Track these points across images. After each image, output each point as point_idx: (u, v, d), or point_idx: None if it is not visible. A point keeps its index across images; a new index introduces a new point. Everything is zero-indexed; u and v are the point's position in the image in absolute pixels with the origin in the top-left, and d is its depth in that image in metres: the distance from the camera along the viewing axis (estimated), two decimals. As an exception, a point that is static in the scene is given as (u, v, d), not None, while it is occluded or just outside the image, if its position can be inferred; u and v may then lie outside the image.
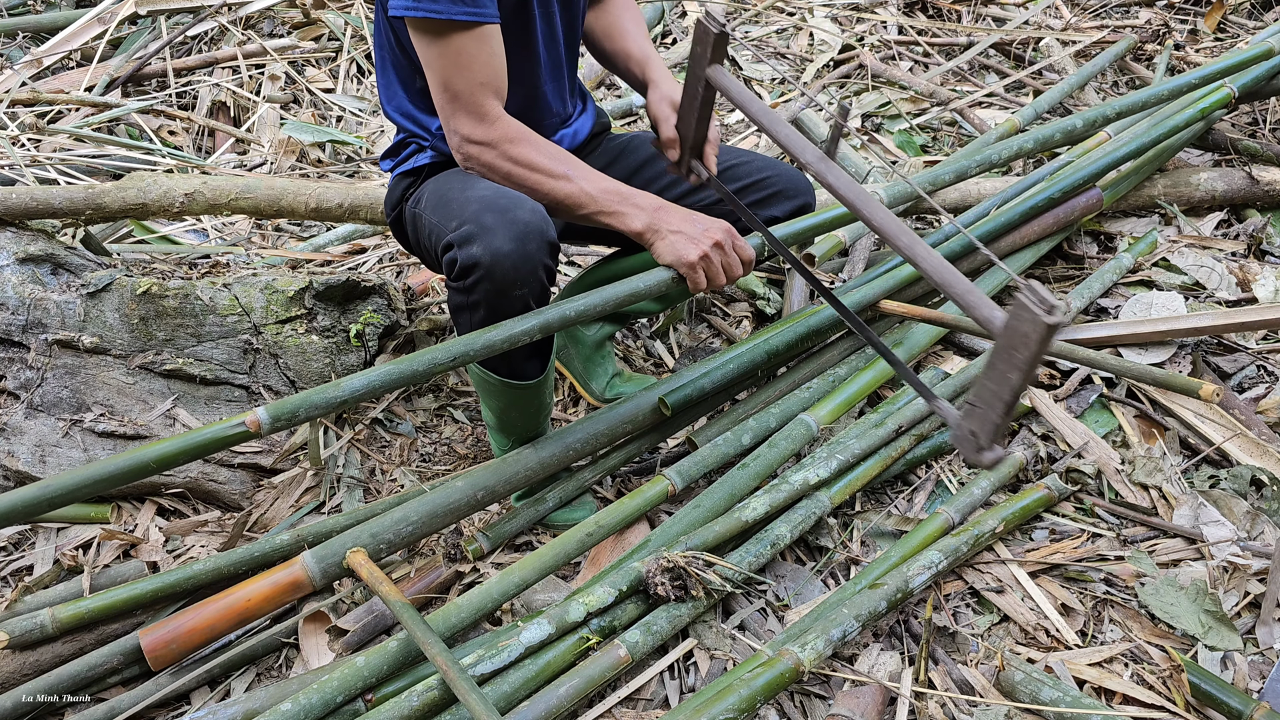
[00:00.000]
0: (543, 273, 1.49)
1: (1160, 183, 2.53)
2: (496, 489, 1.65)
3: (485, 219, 1.47)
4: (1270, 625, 1.52)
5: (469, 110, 1.48)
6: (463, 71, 1.45)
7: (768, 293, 2.40)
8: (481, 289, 1.47)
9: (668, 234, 1.52)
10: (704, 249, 1.50)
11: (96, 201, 2.15)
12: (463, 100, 1.47)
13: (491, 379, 1.64)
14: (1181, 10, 3.66)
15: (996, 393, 1.15)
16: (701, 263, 1.51)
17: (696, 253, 1.50)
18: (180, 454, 1.31)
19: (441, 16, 1.41)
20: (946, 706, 1.42)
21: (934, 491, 1.84)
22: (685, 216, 1.53)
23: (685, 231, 1.51)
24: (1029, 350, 1.09)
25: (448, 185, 1.61)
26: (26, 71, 3.57)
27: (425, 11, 1.41)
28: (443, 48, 1.44)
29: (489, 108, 1.49)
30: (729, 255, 1.53)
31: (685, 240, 1.51)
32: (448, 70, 1.45)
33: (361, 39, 3.85)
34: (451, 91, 1.47)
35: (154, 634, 1.43)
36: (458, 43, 1.44)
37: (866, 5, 3.84)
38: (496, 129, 1.50)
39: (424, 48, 1.46)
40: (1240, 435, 1.84)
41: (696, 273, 1.52)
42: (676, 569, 1.49)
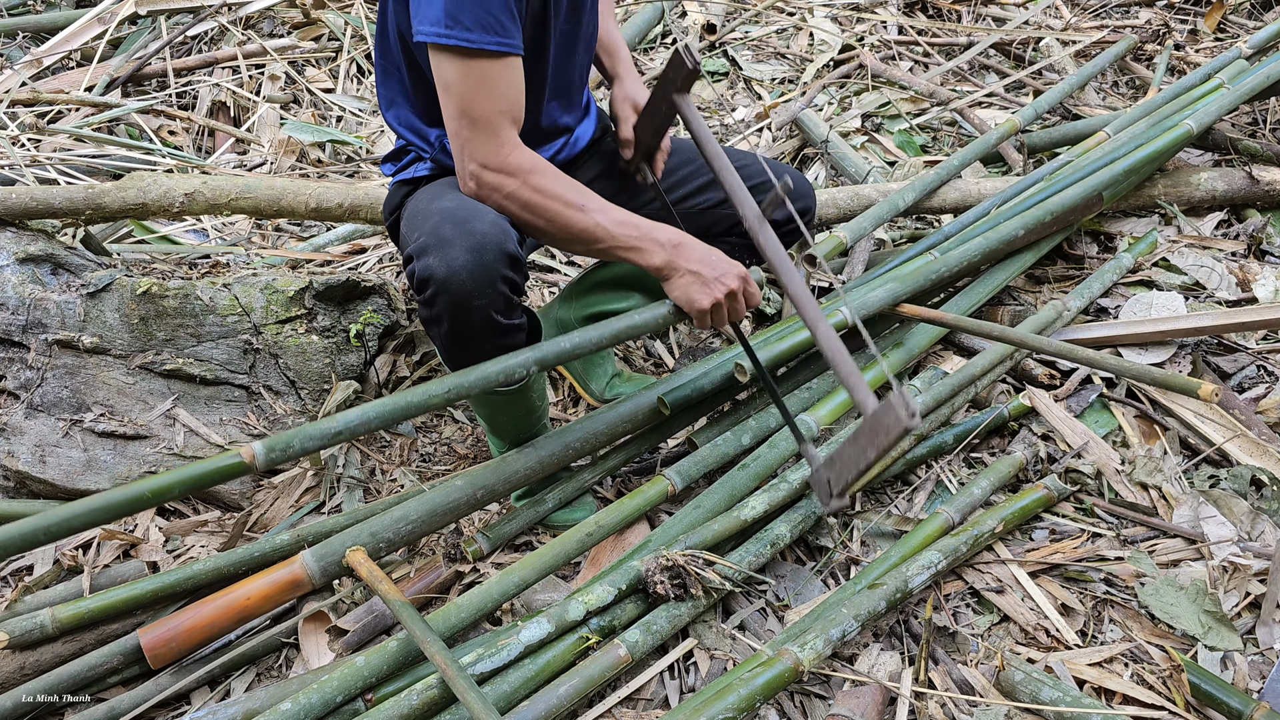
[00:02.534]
0: (503, 285, 1.47)
1: (1160, 183, 2.53)
2: (496, 488, 1.65)
3: (444, 230, 1.46)
4: (1270, 625, 1.52)
5: (488, 138, 1.46)
6: (485, 100, 1.44)
7: (768, 292, 2.40)
8: (440, 301, 1.47)
9: (685, 273, 1.52)
10: (717, 296, 1.51)
11: (96, 201, 2.15)
12: (481, 127, 1.45)
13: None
14: (1181, 10, 3.66)
15: (854, 460, 1.34)
16: (711, 309, 1.52)
17: (709, 300, 1.51)
18: (175, 486, 1.33)
19: (473, 46, 1.39)
20: (946, 706, 1.42)
21: (934, 491, 1.84)
22: (702, 257, 1.53)
23: (702, 275, 1.51)
24: (886, 439, 1.25)
25: (423, 196, 1.62)
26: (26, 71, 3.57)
27: (456, 40, 1.39)
28: (467, 75, 1.42)
29: (507, 136, 1.48)
30: (738, 302, 1.55)
31: (700, 285, 1.51)
32: (469, 97, 1.43)
33: (361, 39, 3.85)
34: (470, 118, 1.45)
35: (154, 632, 1.43)
36: (483, 71, 1.42)
37: (866, 5, 3.84)
38: (515, 158, 1.49)
39: (446, 73, 1.44)
40: (1240, 435, 1.84)
41: (705, 318, 1.54)
42: (676, 568, 1.49)
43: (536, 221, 1.52)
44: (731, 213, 1.87)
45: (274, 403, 1.99)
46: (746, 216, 1.50)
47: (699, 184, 1.86)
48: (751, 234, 1.46)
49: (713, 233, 1.90)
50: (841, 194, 2.41)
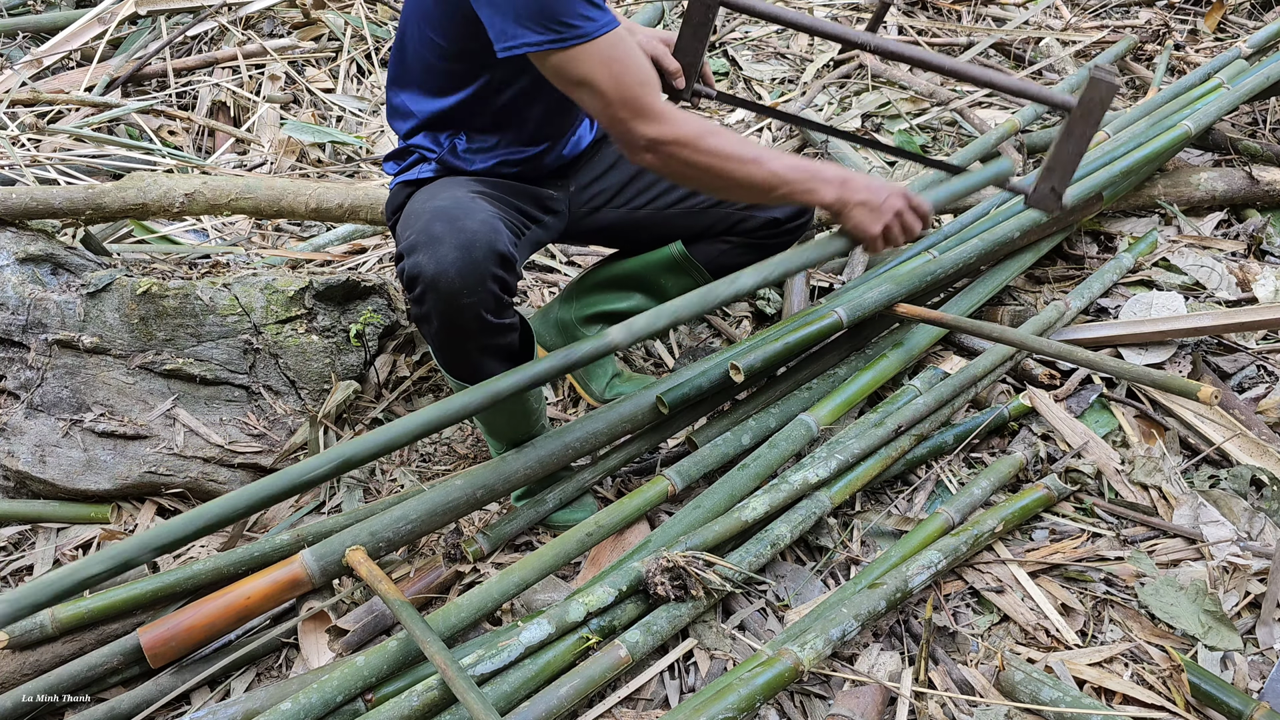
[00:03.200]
0: (493, 283, 1.47)
1: (1160, 183, 2.53)
2: (496, 488, 1.65)
3: (434, 228, 1.46)
4: (1270, 625, 1.52)
5: (644, 113, 1.46)
6: (625, 78, 1.44)
7: (767, 292, 2.40)
8: (430, 299, 1.47)
9: (855, 205, 1.58)
10: (885, 220, 1.59)
11: (96, 201, 2.15)
12: (635, 106, 1.45)
13: (463, 388, 1.64)
14: (1181, 10, 3.65)
15: (1074, 155, 1.61)
16: (882, 234, 1.61)
17: (880, 224, 1.59)
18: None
19: (587, 39, 1.39)
20: (946, 706, 1.42)
21: (934, 491, 1.84)
22: (867, 184, 1.60)
23: (869, 203, 1.58)
24: (1101, 111, 1.53)
25: (419, 197, 1.62)
26: (26, 71, 3.57)
27: (571, 40, 1.39)
28: (593, 66, 1.42)
29: (660, 105, 1.48)
30: (907, 217, 1.61)
31: (870, 213, 1.58)
32: (612, 83, 1.43)
33: (361, 39, 3.85)
34: (622, 101, 1.44)
35: (154, 631, 1.43)
36: (607, 55, 1.42)
37: (866, 5, 3.84)
38: (679, 126, 1.49)
39: (578, 71, 1.42)
40: (1240, 435, 1.84)
41: (877, 243, 1.62)
42: (676, 569, 1.49)
43: (715, 181, 1.53)
44: (731, 211, 1.87)
45: (274, 403, 1.99)
46: (855, 38, 1.64)
47: None
48: (875, 46, 1.63)
49: (713, 231, 1.90)
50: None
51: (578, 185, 1.86)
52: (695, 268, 1.94)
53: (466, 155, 1.70)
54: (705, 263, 1.94)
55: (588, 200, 1.88)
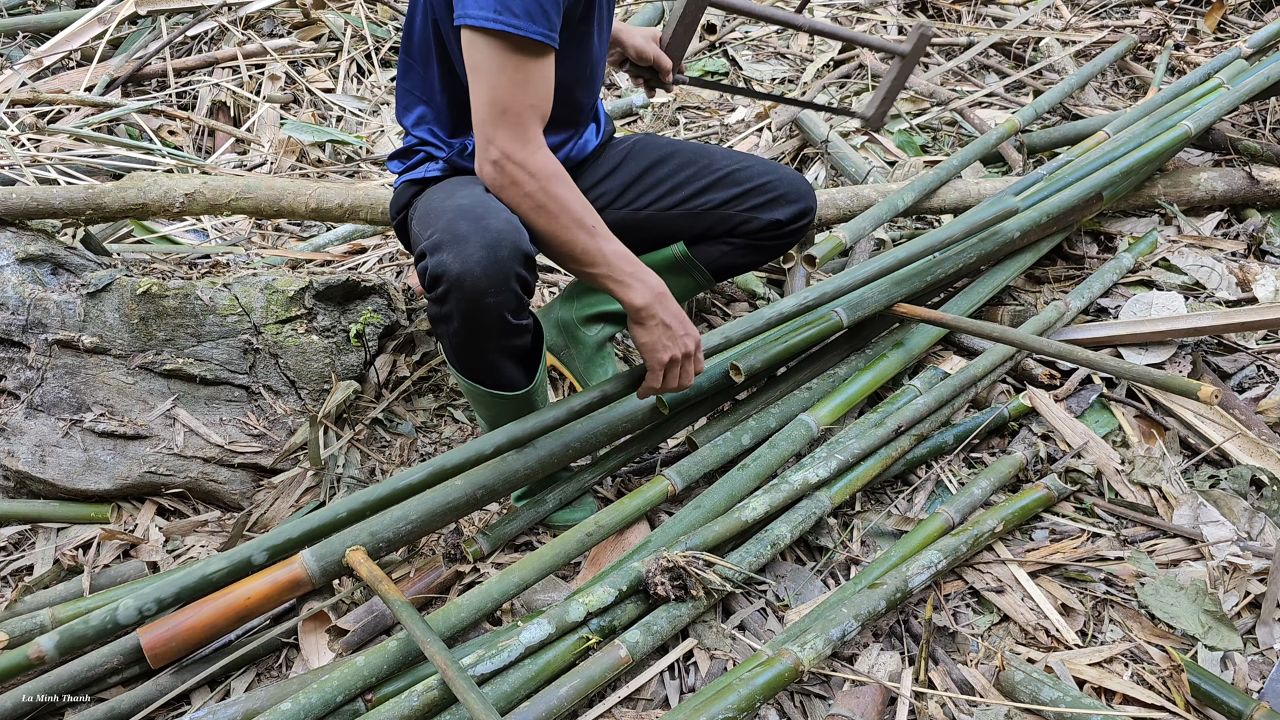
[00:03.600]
0: (516, 283, 1.47)
1: (1160, 183, 2.53)
2: (496, 488, 1.65)
3: (459, 226, 1.45)
4: (1270, 625, 1.52)
5: (515, 129, 1.46)
6: (521, 91, 1.44)
7: (767, 293, 2.41)
8: (453, 299, 1.46)
9: (660, 323, 1.56)
10: (675, 351, 1.57)
11: (96, 201, 2.15)
12: (510, 118, 1.45)
13: (479, 390, 1.65)
14: (1181, 10, 3.66)
15: (899, 86, 2.15)
16: (669, 364, 1.58)
17: (672, 352, 1.57)
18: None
19: (520, 34, 1.39)
20: (946, 706, 1.43)
21: (934, 491, 1.84)
22: (676, 312, 1.58)
23: (673, 329, 1.56)
24: (920, 54, 2.08)
25: (436, 194, 1.61)
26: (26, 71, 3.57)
27: (505, 26, 1.39)
28: (506, 63, 1.42)
29: (534, 132, 1.48)
30: (692, 363, 1.61)
31: (669, 336, 1.56)
32: (505, 86, 1.43)
33: (361, 39, 3.85)
34: (501, 107, 1.44)
35: (153, 632, 1.43)
36: (524, 62, 1.42)
37: (866, 5, 3.84)
38: (539, 159, 1.48)
39: (484, 59, 1.43)
40: (1240, 435, 1.84)
41: (660, 370, 1.59)
42: (676, 569, 1.49)
43: (543, 227, 1.51)
44: (733, 213, 1.88)
45: (274, 403, 1.99)
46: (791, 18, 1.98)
47: (703, 184, 1.86)
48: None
49: (715, 233, 1.90)
50: (841, 194, 2.41)
51: (582, 186, 1.87)
52: (697, 268, 1.94)
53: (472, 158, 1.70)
54: (707, 263, 1.94)
55: (592, 201, 1.88)
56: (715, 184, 1.86)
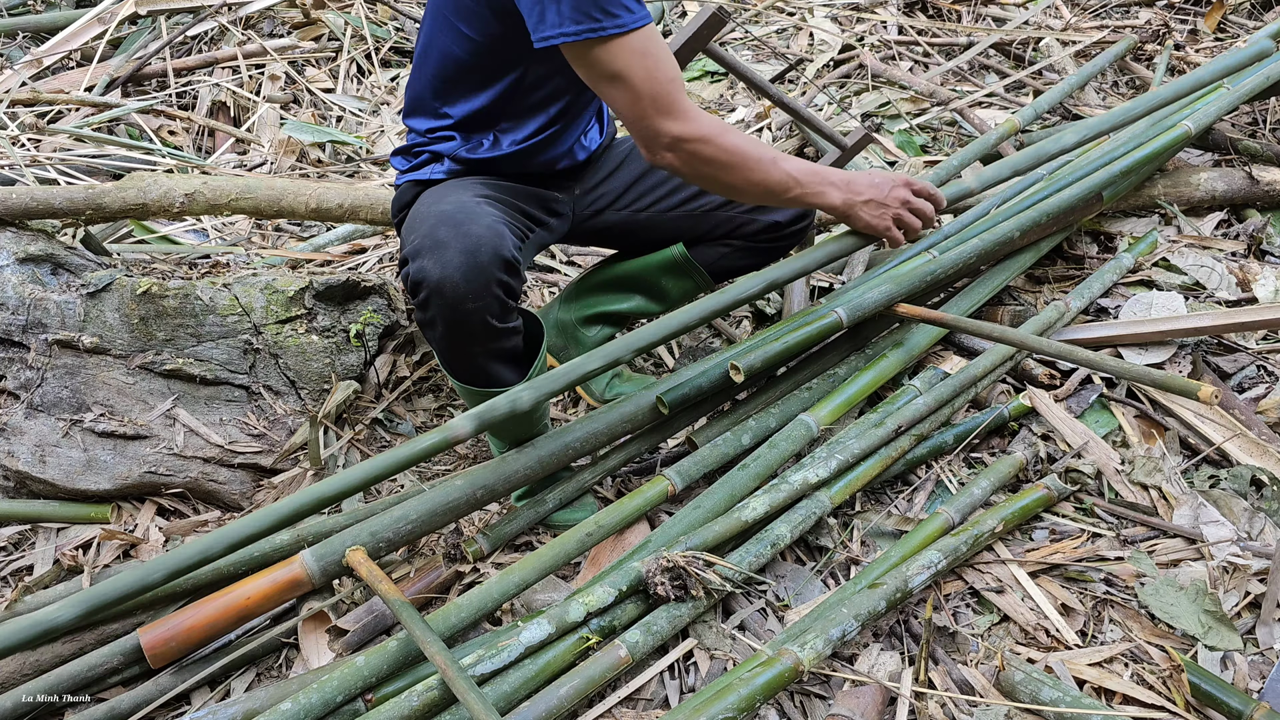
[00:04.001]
0: (497, 288, 1.47)
1: (1160, 183, 2.53)
2: (496, 488, 1.65)
3: (439, 233, 1.45)
4: (1270, 625, 1.52)
5: (671, 111, 1.46)
6: (659, 74, 1.44)
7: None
8: (434, 305, 1.46)
9: (861, 205, 1.64)
10: (894, 211, 1.66)
11: (96, 201, 2.15)
12: (663, 102, 1.45)
13: (467, 390, 1.65)
14: (1181, 10, 3.65)
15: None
16: (895, 223, 1.68)
17: (889, 219, 1.67)
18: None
19: (625, 30, 1.39)
20: (946, 706, 1.42)
21: (934, 491, 1.84)
22: (869, 182, 1.65)
23: (874, 198, 1.65)
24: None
25: (426, 200, 1.62)
26: (26, 71, 3.57)
27: (611, 30, 1.38)
28: (629, 59, 1.41)
29: (685, 102, 1.49)
30: (915, 203, 1.69)
31: (875, 209, 1.65)
32: (644, 78, 1.43)
33: (361, 39, 3.85)
34: (653, 98, 1.44)
35: (153, 632, 1.43)
36: (644, 47, 1.42)
37: (866, 5, 3.84)
38: (702, 124, 1.49)
39: (614, 64, 1.42)
40: (1240, 435, 1.84)
41: (893, 233, 1.69)
42: (676, 569, 1.49)
43: (737, 179, 1.54)
44: (733, 215, 1.88)
45: (274, 403, 1.99)
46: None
47: None
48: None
49: (714, 234, 1.90)
50: (841, 194, 2.40)
51: (583, 188, 1.87)
52: (696, 270, 1.94)
53: (485, 154, 1.70)
54: (706, 265, 1.94)
55: (591, 203, 1.88)
56: None
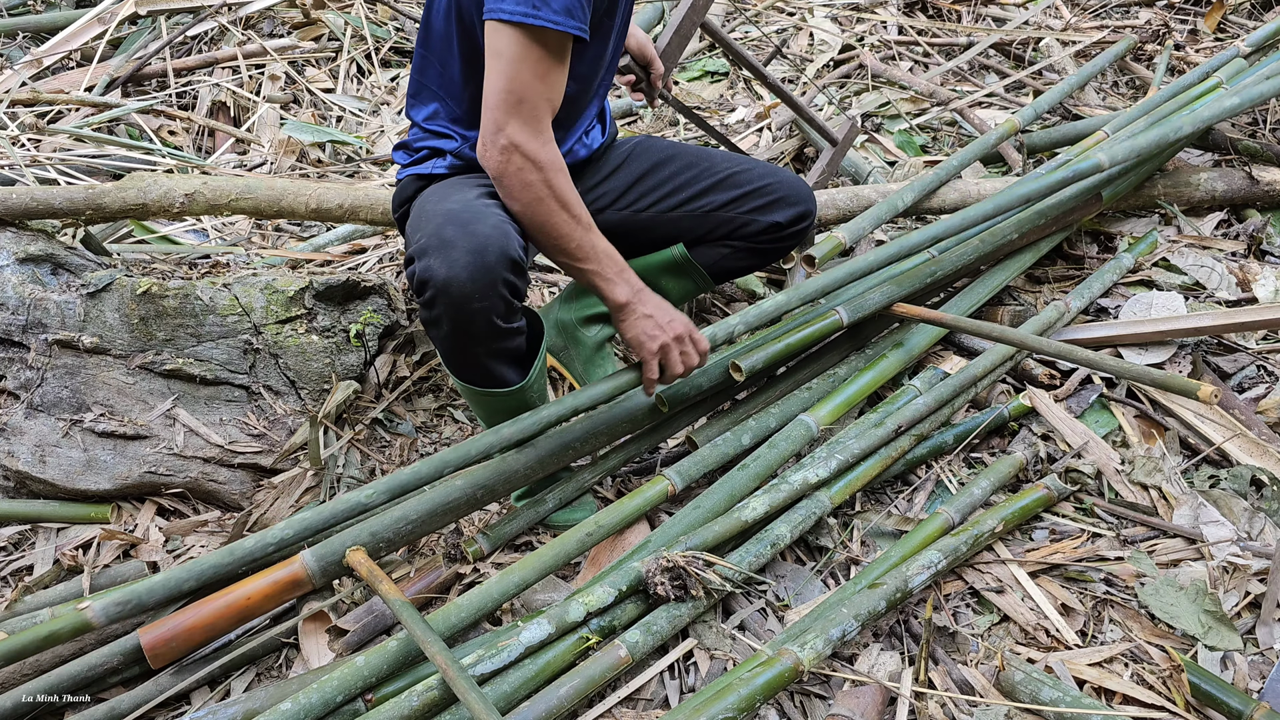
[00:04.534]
0: (503, 288, 1.47)
1: (1160, 183, 2.53)
2: (496, 488, 1.65)
3: (446, 232, 1.45)
4: (1270, 625, 1.52)
5: (529, 120, 1.46)
6: (541, 84, 1.44)
7: (768, 292, 2.41)
8: (440, 304, 1.46)
9: (641, 315, 1.58)
10: (664, 339, 1.58)
11: (96, 201, 2.15)
12: (526, 108, 1.45)
13: (468, 389, 1.65)
14: (1181, 10, 3.66)
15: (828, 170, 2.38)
16: (660, 351, 1.59)
17: (661, 340, 1.58)
18: None
19: (557, 28, 1.40)
20: (946, 706, 1.43)
21: (934, 491, 1.84)
22: (658, 304, 1.60)
23: (655, 317, 1.58)
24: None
25: (430, 197, 1.62)
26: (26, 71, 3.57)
27: (544, 21, 1.39)
28: (530, 55, 1.42)
29: (546, 125, 1.48)
30: (685, 346, 1.60)
31: (653, 325, 1.58)
32: (526, 78, 1.43)
33: (361, 39, 3.85)
34: (519, 96, 1.44)
35: (154, 632, 1.43)
36: (548, 56, 1.43)
37: (866, 5, 3.84)
38: (548, 152, 1.49)
39: (508, 48, 1.42)
40: (1240, 435, 1.84)
41: (653, 360, 1.59)
42: (676, 569, 1.49)
43: (539, 219, 1.51)
44: (733, 215, 1.88)
45: (274, 403, 1.99)
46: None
47: (704, 186, 1.86)
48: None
49: (715, 235, 1.90)
50: (841, 195, 2.41)
51: (584, 187, 1.87)
52: (696, 270, 1.94)
53: None
54: (706, 266, 1.94)
55: (592, 202, 1.88)
56: (716, 186, 1.86)
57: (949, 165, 2.44)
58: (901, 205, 2.29)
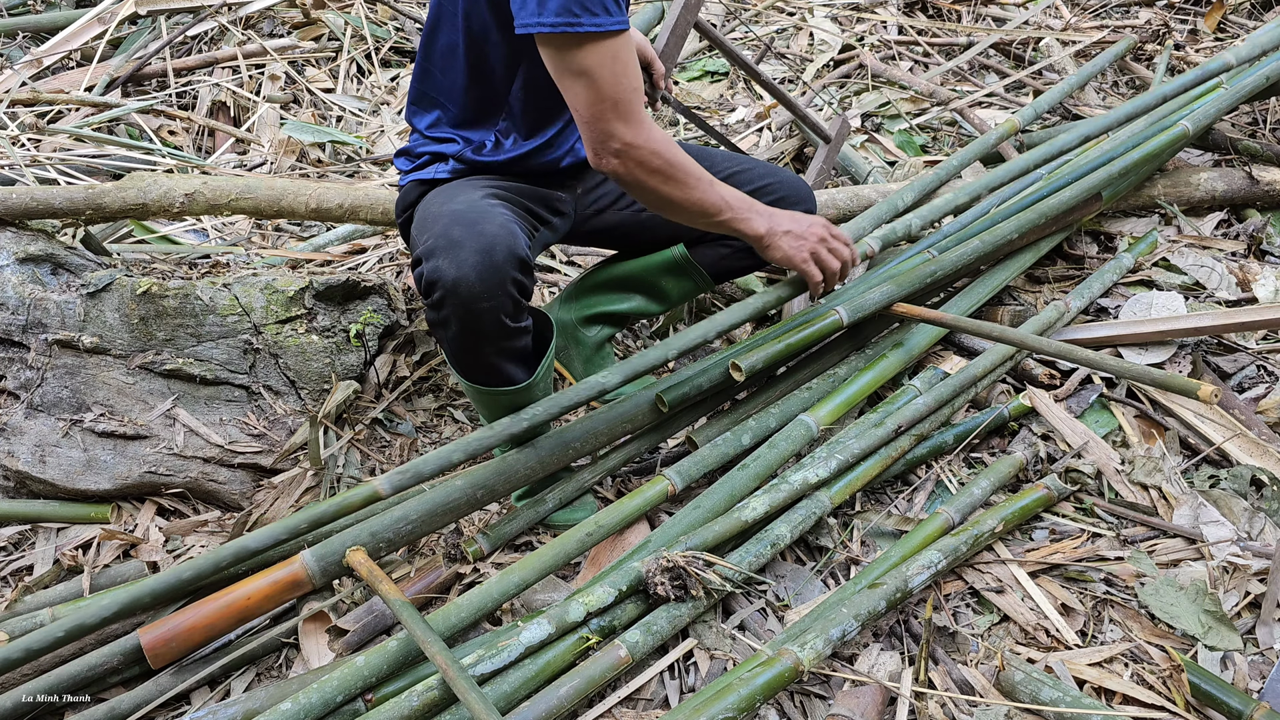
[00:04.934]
0: (512, 287, 1.48)
1: (1160, 183, 2.53)
2: (496, 488, 1.65)
3: (453, 233, 1.46)
4: (1270, 625, 1.52)
5: (627, 116, 1.48)
6: (622, 79, 1.46)
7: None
8: (448, 304, 1.47)
9: (781, 235, 1.68)
10: (811, 245, 1.70)
11: (96, 201, 2.15)
12: (622, 108, 1.47)
13: (474, 388, 1.65)
14: (1181, 10, 3.66)
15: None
16: (812, 256, 1.71)
17: (806, 250, 1.70)
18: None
19: (604, 29, 1.41)
20: (946, 706, 1.43)
21: (934, 491, 1.84)
22: (791, 217, 1.69)
23: (793, 230, 1.69)
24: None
25: (435, 199, 1.62)
26: (26, 71, 3.57)
27: (588, 27, 1.40)
28: (601, 60, 1.44)
29: (642, 112, 1.51)
30: (832, 243, 1.73)
31: (794, 239, 1.69)
32: (608, 81, 1.45)
33: (361, 39, 3.85)
34: (611, 100, 1.46)
35: (154, 632, 1.43)
36: (614, 51, 1.44)
37: (866, 5, 3.84)
38: (654, 135, 1.52)
39: (577, 63, 1.44)
40: (1240, 435, 1.84)
41: (809, 266, 1.71)
42: (676, 569, 1.49)
43: (673, 195, 1.57)
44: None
45: (274, 403, 1.99)
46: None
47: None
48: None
49: (715, 234, 1.90)
50: (841, 195, 2.41)
51: (585, 187, 1.87)
52: (696, 270, 1.94)
53: (488, 156, 1.70)
54: (707, 266, 1.94)
55: (593, 202, 1.88)
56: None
57: (949, 165, 2.44)
58: (902, 205, 2.29)
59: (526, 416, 1.62)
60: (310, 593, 1.59)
